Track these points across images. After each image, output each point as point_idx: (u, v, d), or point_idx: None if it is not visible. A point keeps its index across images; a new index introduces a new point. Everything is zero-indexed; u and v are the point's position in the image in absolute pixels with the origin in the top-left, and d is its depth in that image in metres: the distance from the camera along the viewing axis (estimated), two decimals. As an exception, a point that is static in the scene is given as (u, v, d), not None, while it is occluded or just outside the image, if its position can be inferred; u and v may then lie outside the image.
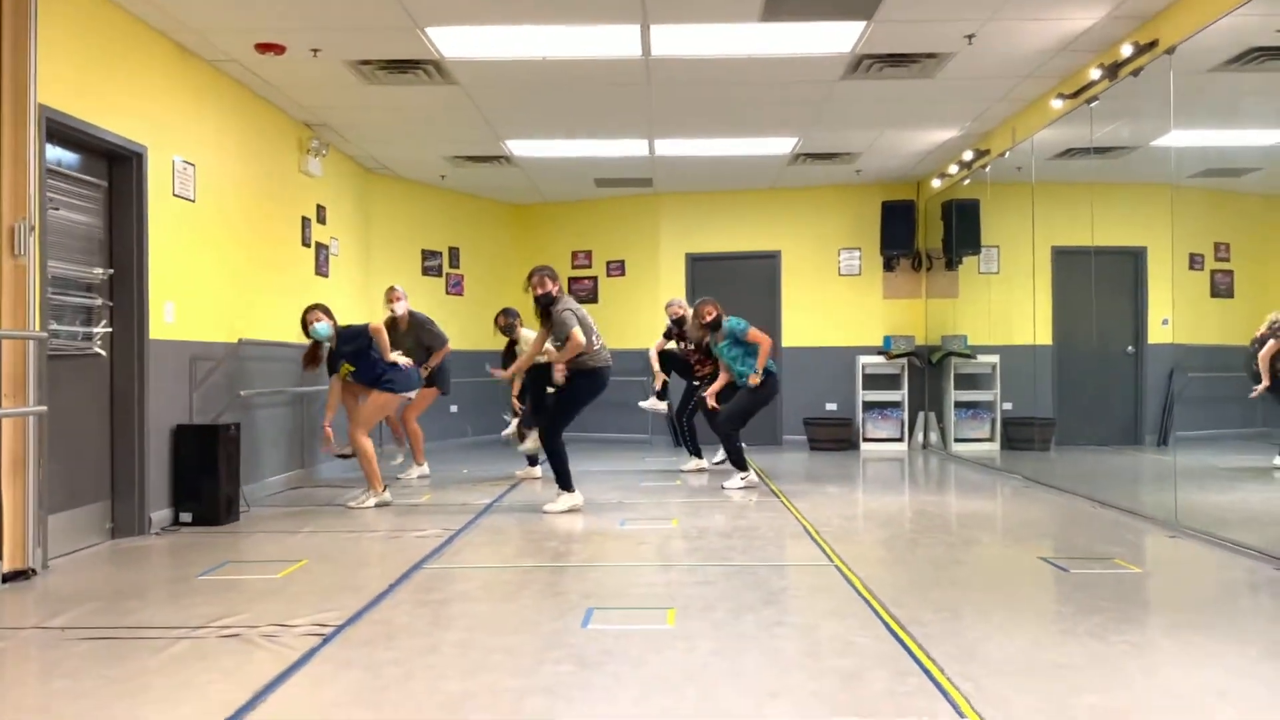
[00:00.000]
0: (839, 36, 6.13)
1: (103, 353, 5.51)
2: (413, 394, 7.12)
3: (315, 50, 6.26)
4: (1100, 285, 10.56)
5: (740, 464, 7.62)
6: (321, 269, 8.58)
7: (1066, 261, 10.05)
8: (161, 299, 5.83)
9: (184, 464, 6.00)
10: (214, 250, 6.55)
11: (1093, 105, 6.71)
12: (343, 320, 8.87)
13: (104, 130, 5.31)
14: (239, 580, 4.49)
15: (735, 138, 8.84)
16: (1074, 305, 10.40)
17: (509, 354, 8.40)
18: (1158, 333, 9.63)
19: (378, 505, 6.63)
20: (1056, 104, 6.93)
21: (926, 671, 3.10)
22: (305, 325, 6.67)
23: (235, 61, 6.48)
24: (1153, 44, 5.68)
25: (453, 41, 6.17)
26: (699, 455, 8.84)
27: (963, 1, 5.56)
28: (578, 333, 6.11)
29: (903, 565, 4.73)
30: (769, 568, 4.69)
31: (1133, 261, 9.94)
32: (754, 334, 7.55)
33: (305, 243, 8.23)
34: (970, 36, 6.05)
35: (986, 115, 8.07)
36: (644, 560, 4.92)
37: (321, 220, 8.59)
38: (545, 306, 6.29)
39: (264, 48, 6.18)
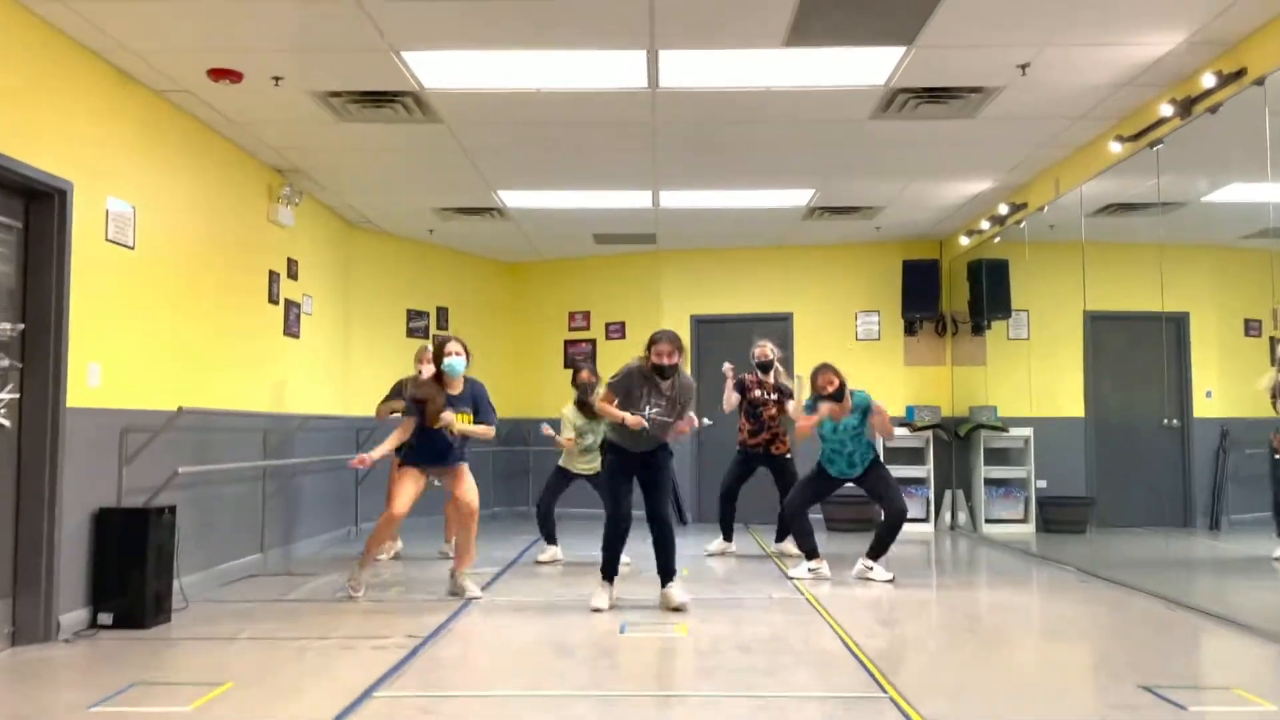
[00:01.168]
0: (873, 66, 5.37)
1: (6, 423, 4.64)
2: None
3: (277, 78, 5.49)
4: (1138, 354, 9.80)
5: (811, 550, 6.67)
6: (291, 328, 7.74)
7: (1102, 328, 9.31)
8: (84, 359, 4.97)
9: (106, 555, 5.08)
10: (156, 305, 5.72)
11: (1158, 149, 5.93)
12: (309, 390, 8.10)
13: (17, 162, 4.51)
14: (138, 714, 3.56)
15: (747, 189, 8.09)
16: (1110, 375, 9.66)
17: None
18: (1203, 405, 8.86)
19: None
20: (1115, 147, 6.17)
21: None
22: (439, 354, 5.87)
23: (188, 92, 5.72)
24: (1239, 73, 4.92)
25: (433, 69, 5.41)
26: (729, 537, 7.89)
27: (1020, 23, 4.81)
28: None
29: (977, 697, 3.81)
30: (803, 700, 3.77)
31: (1174, 329, 9.17)
32: (880, 410, 6.49)
33: (273, 299, 7.41)
34: (1024, 66, 5.29)
35: (1027, 163, 7.31)
36: (644, 688, 4.00)
37: (293, 275, 7.78)
38: (666, 376, 5.49)
39: (218, 74, 5.41)
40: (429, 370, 6.88)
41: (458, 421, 5.73)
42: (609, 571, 5.56)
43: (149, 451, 5.42)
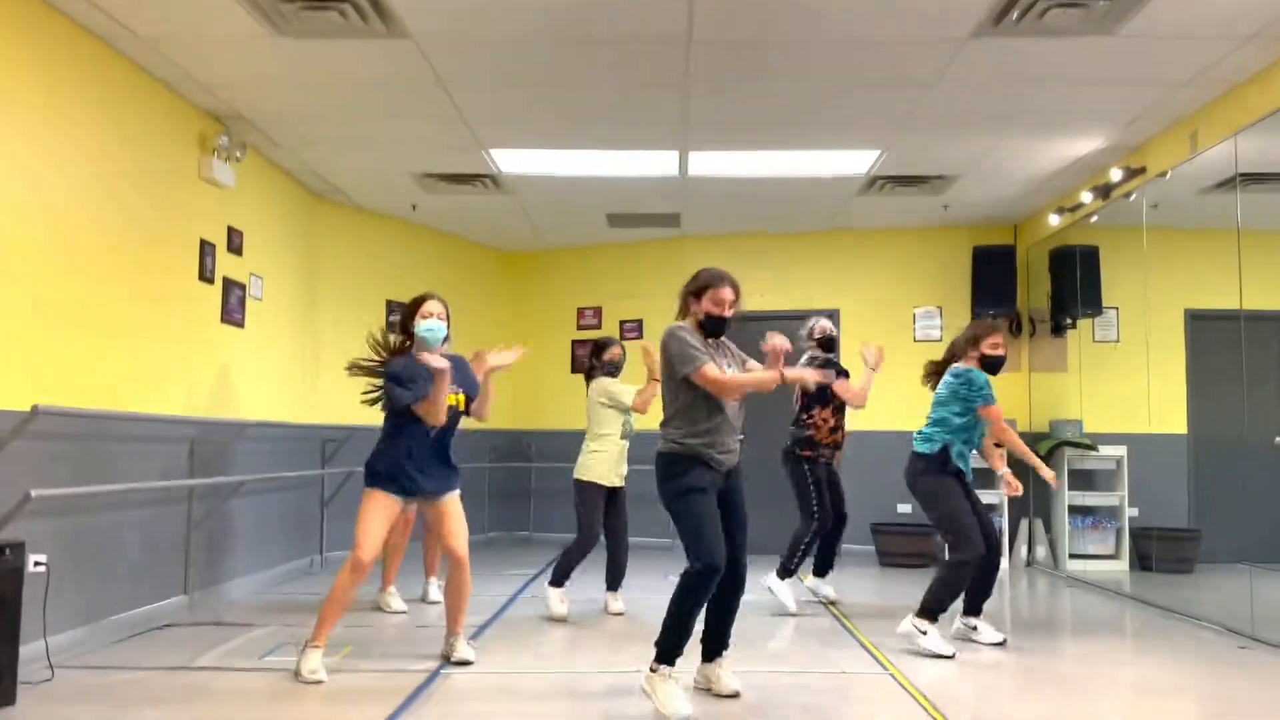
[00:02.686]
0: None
1: None
2: None
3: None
4: (1248, 359, 8.34)
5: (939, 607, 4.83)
6: (232, 315, 6.25)
7: (1203, 329, 7.82)
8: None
9: (-87, 614, 3.58)
10: (18, 275, 4.23)
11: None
12: (256, 392, 6.60)
13: None
14: None
15: (796, 148, 6.56)
16: (1216, 384, 8.13)
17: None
18: (1320, 422, 7.35)
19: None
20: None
21: None
22: (411, 315, 4.37)
23: (89, 2, 4.25)
24: None
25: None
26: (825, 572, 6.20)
27: None
28: None
29: None
30: None
31: (1285, 330, 7.70)
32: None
33: (206, 277, 5.92)
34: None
35: (1157, 109, 5.76)
36: None
37: (235, 249, 6.29)
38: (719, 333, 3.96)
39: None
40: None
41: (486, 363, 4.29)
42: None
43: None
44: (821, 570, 6.17)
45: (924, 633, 4.74)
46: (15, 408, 4.06)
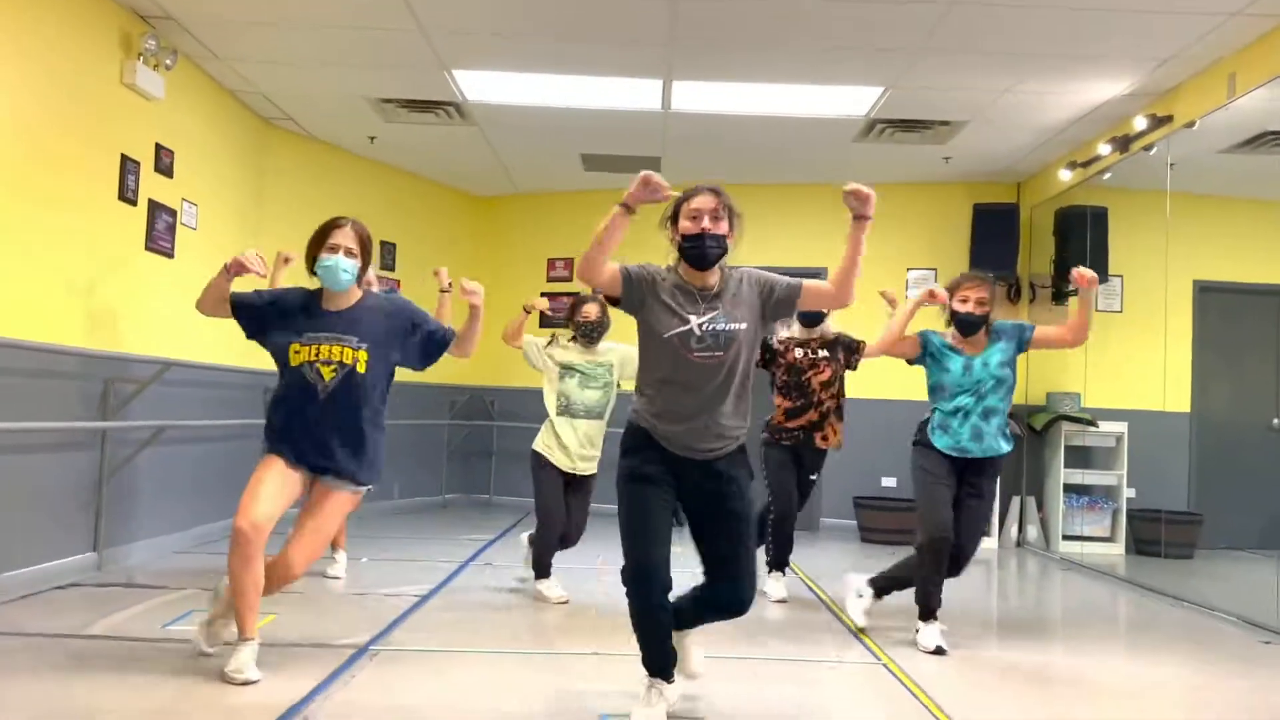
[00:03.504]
0: None
1: None
2: None
3: None
4: (1256, 335, 7.95)
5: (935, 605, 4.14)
6: (159, 242, 5.59)
7: (1214, 302, 7.41)
8: None
9: None
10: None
11: None
12: (188, 331, 5.92)
13: None
14: None
15: (792, 82, 5.96)
16: (1223, 361, 7.74)
17: None
18: (1320, 401, 7.00)
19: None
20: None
21: None
22: (317, 245, 3.47)
23: None
24: None
25: None
26: (783, 568, 5.21)
27: None
28: None
29: None
30: None
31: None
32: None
33: (127, 197, 5.26)
34: None
35: (1196, 48, 5.20)
36: None
37: (164, 170, 5.62)
38: (710, 261, 3.01)
39: None
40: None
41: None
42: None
43: None
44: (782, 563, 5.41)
45: (860, 596, 4.34)
46: None
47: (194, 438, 6.07)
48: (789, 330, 5.14)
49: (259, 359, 6.73)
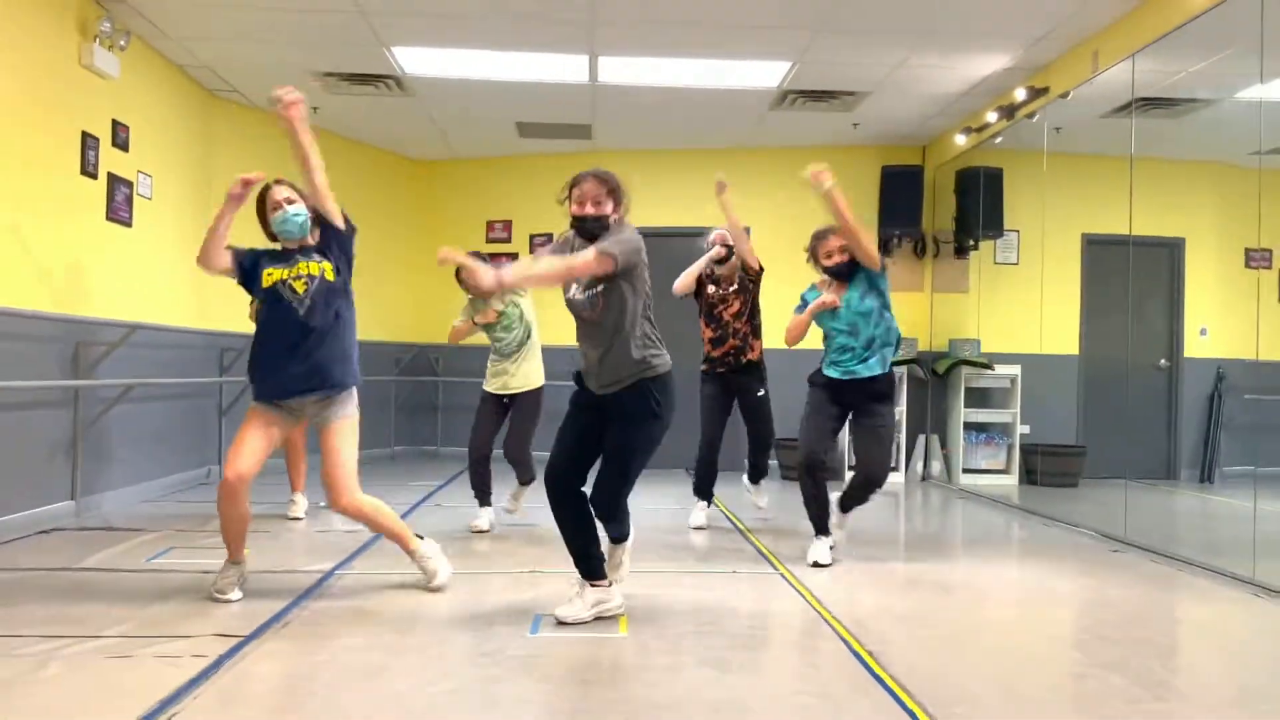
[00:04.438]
0: None
1: None
2: None
3: None
4: (1134, 284, 8.63)
5: (824, 523, 4.76)
6: (118, 212, 5.98)
7: (1099, 254, 8.09)
8: None
9: None
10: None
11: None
12: (146, 295, 6.31)
13: None
14: None
15: (708, 55, 6.48)
16: (1106, 308, 8.45)
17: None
18: (1196, 344, 7.73)
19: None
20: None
21: None
22: (263, 214, 3.87)
23: None
24: None
25: None
26: (709, 498, 5.82)
27: None
28: None
29: (957, 667, 2.41)
30: None
31: (1167, 256, 8.00)
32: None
33: (88, 171, 5.64)
34: None
35: (1065, 27, 5.83)
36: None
37: (120, 144, 5.99)
38: (590, 235, 3.51)
39: None
40: None
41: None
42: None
43: None
44: (753, 478, 5.99)
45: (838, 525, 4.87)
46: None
47: (159, 395, 6.49)
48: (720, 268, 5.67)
49: (216, 321, 7.19)
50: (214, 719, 2.53)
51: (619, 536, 3.66)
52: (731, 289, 5.62)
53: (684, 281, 5.61)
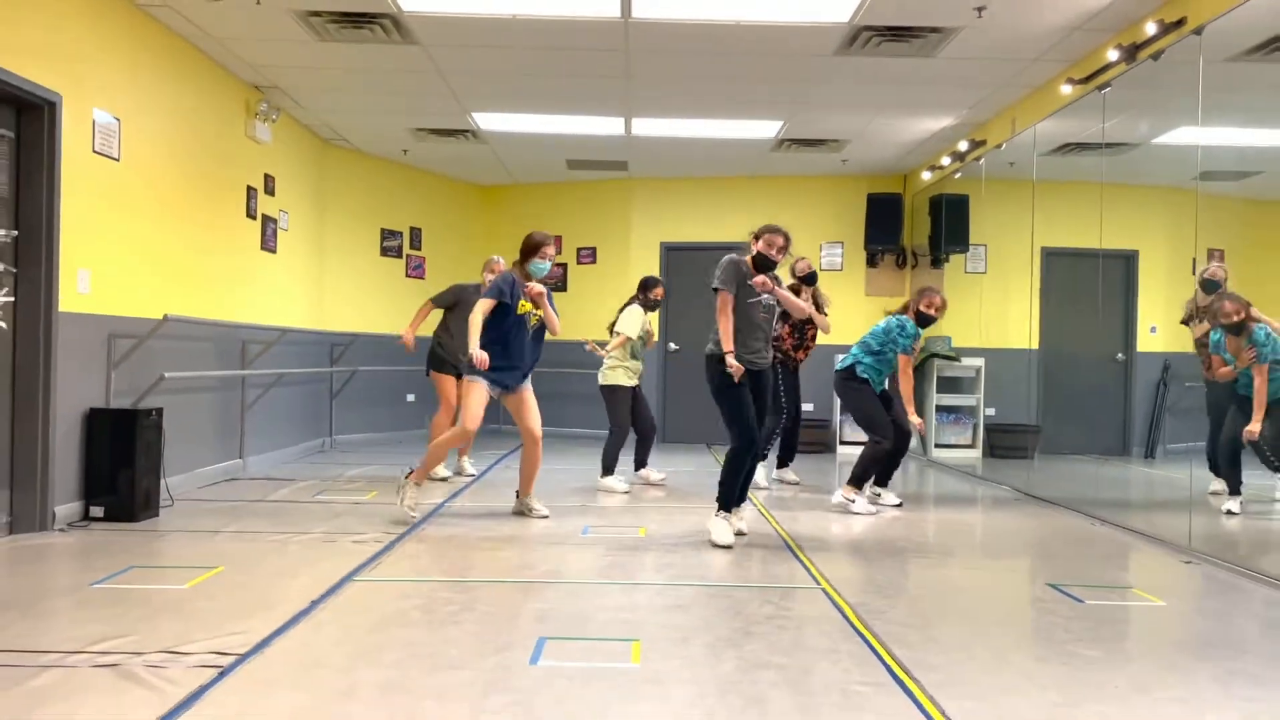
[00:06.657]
0: (838, 3, 5.59)
1: (3, 324, 4.87)
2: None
3: (259, -4, 5.63)
4: (1089, 289, 10.16)
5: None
6: (268, 243, 7.94)
7: (1056, 264, 9.67)
8: (74, 266, 5.19)
9: (97, 453, 5.36)
10: (140, 216, 5.91)
11: (1105, 92, 6.22)
12: (286, 305, 8.30)
13: (9, 74, 4.67)
14: (139, 591, 3.88)
15: (718, 118, 8.30)
16: (1062, 309, 10.02)
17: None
18: (1147, 340, 9.28)
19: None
20: (1065, 89, 6.45)
21: (944, 733, 2.57)
22: (531, 253, 5.63)
23: (169, 7, 5.84)
24: (1180, 22, 5.19)
25: (412, -8, 5.58)
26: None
27: (976, -34, 5.05)
28: None
29: (900, 593, 4.21)
30: (750, 590, 4.16)
31: (1124, 265, 9.56)
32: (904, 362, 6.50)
33: (250, 214, 7.59)
34: (980, 9, 5.54)
35: (986, 102, 7.59)
36: (608, 577, 4.37)
37: (270, 191, 7.95)
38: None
39: (201, -9, 5.55)
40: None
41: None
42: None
43: (135, 356, 5.68)
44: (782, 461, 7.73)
45: (852, 500, 6.31)
46: (151, 316, 5.80)
47: (291, 382, 8.46)
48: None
49: (330, 323, 9.14)
50: (403, 562, 4.44)
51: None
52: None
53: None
